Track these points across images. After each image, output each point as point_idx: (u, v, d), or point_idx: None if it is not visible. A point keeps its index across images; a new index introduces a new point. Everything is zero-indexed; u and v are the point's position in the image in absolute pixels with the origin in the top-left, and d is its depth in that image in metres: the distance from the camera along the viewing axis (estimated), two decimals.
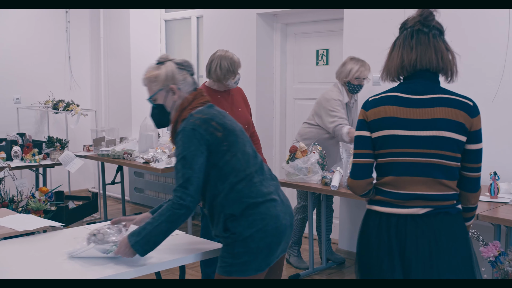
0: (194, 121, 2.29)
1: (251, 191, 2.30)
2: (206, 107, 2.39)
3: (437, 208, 2.07)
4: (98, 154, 5.42)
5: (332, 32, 5.09)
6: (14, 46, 6.52)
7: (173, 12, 6.59)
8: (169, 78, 2.40)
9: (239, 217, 2.29)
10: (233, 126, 2.37)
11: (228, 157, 2.29)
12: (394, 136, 2.08)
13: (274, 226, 2.29)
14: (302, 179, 3.96)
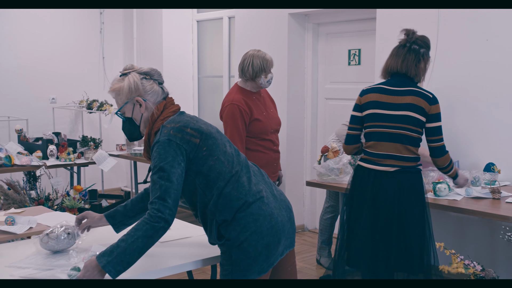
0: (168, 131, 2.16)
1: (240, 192, 2.20)
2: (177, 115, 2.27)
3: (402, 167, 2.99)
4: (131, 153, 5.48)
5: (364, 31, 5.04)
6: (51, 47, 6.66)
7: (205, 12, 6.63)
8: (133, 90, 2.26)
9: (231, 222, 2.19)
10: (209, 129, 2.26)
11: (211, 162, 2.19)
12: (376, 114, 3.04)
13: (268, 225, 2.20)
14: (333, 180, 3.94)
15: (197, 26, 6.80)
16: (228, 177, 2.20)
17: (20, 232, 2.83)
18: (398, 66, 3.06)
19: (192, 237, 2.69)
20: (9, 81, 6.38)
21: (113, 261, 2.02)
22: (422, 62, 3.06)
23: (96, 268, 2.02)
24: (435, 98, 3.02)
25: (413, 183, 3.01)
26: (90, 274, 2.02)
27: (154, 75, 2.34)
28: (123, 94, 2.27)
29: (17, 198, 4.45)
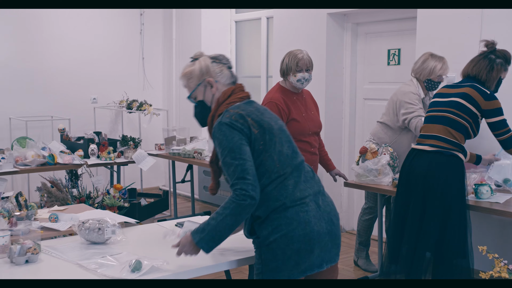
0: (230, 116, 2.20)
1: (280, 194, 2.19)
2: (244, 103, 2.30)
3: (439, 147, 3.21)
4: (169, 153, 5.55)
5: (404, 31, 4.97)
6: (92, 48, 6.79)
7: (243, 13, 6.65)
8: (204, 72, 2.34)
9: (264, 220, 2.20)
10: (271, 124, 2.26)
11: (263, 158, 2.20)
12: (433, 102, 3.41)
13: (301, 232, 2.17)
14: (372, 181, 3.89)
15: (235, 26, 6.83)
16: (274, 176, 2.20)
17: (63, 229, 2.90)
18: (469, 69, 3.35)
19: (229, 237, 2.70)
20: (52, 82, 6.54)
21: (205, 238, 2.16)
22: (494, 71, 3.29)
23: (191, 243, 2.19)
24: (493, 95, 3.25)
25: (441, 164, 3.19)
26: (187, 249, 2.20)
27: (223, 60, 2.40)
28: (195, 77, 2.35)
29: (60, 196, 4.56)
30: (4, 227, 2.75)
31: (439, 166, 3.19)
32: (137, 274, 2.12)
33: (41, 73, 6.47)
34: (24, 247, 2.29)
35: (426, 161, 3.22)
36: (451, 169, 3.21)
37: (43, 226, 2.92)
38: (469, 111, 3.23)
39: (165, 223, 2.92)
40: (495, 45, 3.37)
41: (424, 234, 3.19)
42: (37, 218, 3.08)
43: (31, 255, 2.29)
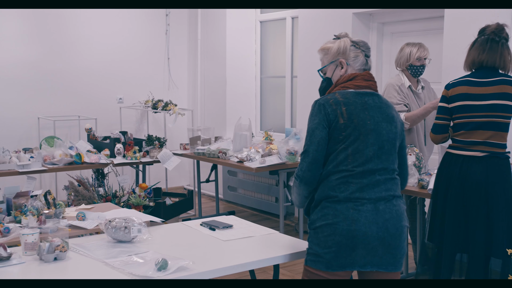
0: (330, 99, 2.29)
1: (339, 187, 2.24)
2: (355, 93, 2.32)
3: (491, 153, 3.08)
4: (194, 152, 5.57)
5: (431, 30, 4.92)
6: (118, 49, 6.87)
7: (268, 13, 6.65)
8: (341, 52, 2.39)
9: (316, 205, 2.29)
10: (365, 122, 2.26)
11: (339, 147, 2.25)
12: (466, 105, 3.12)
13: (346, 227, 2.19)
14: None
15: (260, 26, 6.83)
16: (341, 168, 2.24)
17: (90, 228, 2.94)
18: (483, 58, 3.12)
19: (254, 237, 2.71)
20: (79, 82, 6.63)
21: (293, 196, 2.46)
22: (508, 54, 3.12)
23: None
24: None
25: (501, 168, 3.09)
26: None
27: (362, 47, 2.42)
28: (331, 54, 2.41)
29: (87, 194, 4.61)
30: (33, 225, 2.80)
31: (498, 171, 3.08)
32: (163, 273, 2.13)
33: (68, 73, 6.56)
34: (53, 245, 2.33)
35: (483, 167, 3.08)
36: (508, 170, 3.12)
37: (70, 224, 2.97)
38: (507, 108, 3.09)
39: (190, 222, 2.94)
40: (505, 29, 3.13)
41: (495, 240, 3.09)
42: (65, 216, 3.13)
43: (60, 252, 2.33)
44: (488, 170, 3.06)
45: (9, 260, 2.30)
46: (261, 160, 4.91)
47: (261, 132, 6.65)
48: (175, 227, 2.91)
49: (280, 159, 4.91)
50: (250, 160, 4.98)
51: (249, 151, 5.09)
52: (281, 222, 5.04)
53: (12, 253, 2.33)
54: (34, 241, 2.40)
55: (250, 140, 5.45)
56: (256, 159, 4.99)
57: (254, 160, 4.98)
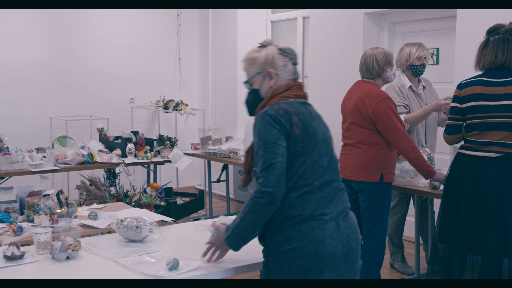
0: (278, 109, 2.10)
1: (301, 205, 2.05)
2: (298, 102, 2.18)
3: (505, 153, 3.03)
4: (205, 152, 5.59)
5: (443, 30, 4.89)
6: (130, 49, 6.90)
7: (279, 13, 6.65)
8: (268, 62, 2.22)
9: (277, 229, 2.07)
10: (316, 132, 2.14)
11: (297, 161, 2.07)
12: (480, 106, 3.07)
13: (314, 250, 2.01)
14: (409, 182, 3.85)
15: (271, 26, 6.83)
16: (301, 184, 2.07)
17: (102, 227, 2.96)
18: (494, 58, 3.08)
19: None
20: (91, 82, 6.67)
21: (231, 236, 2.12)
22: None
23: (222, 240, 2.17)
24: None
25: None
26: (217, 245, 2.21)
27: (290, 54, 2.27)
28: (257, 64, 2.24)
29: (98, 194, 4.64)
30: (46, 224, 2.82)
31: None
32: (175, 272, 2.14)
33: (81, 74, 6.60)
34: (65, 244, 2.35)
35: (497, 168, 3.04)
36: None
37: (82, 224, 2.99)
38: None
39: (201, 222, 2.95)
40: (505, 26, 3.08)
41: (509, 241, 3.05)
42: (77, 215, 3.15)
43: (72, 251, 2.34)
44: (502, 171, 3.02)
45: (22, 259, 2.32)
46: None
47: None
48: (186, 227, 2.92)
49: None
50: None
51: None
52: None
53: (25, 252, 2.35)
54: (47, 240, 2.42)
55: None
56: None
57: None
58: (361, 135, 3.51)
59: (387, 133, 3.45)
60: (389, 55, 3.61)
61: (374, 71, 3.59)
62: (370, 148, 3.49)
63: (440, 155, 4.60)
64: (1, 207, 3.15)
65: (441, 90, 4.52)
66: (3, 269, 2.23)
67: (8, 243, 2.37)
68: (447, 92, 4.64)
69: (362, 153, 3.50)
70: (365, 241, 3.56)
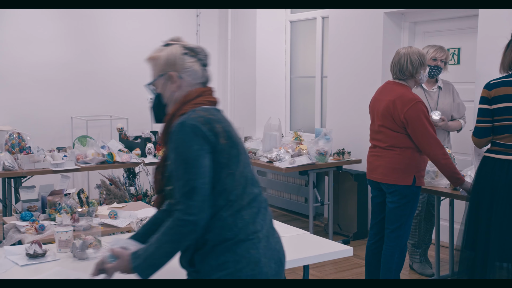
0: (197, 117, 1.83)
1: (235, 224, 1.83)
2: (214, 109, 1.94)
3: None
4: None
5: (464, 30, 4.84)
6: (149, 49, 6.89)
7: (299, 13, 6.64)
8: (170, 63, 1.96)
9: (209, 252, 1.83)
10: (238, 140, 1.91)
11: (224, 174, 1.84)
12: (510, 107, 2.97)
13: (250, 273, 1.82)
14: (429, 183, 3.82)
15: (290, 26, 6.82)
16: (232, 198, 1.85)
17: (122, 226, 2.98)
18: None
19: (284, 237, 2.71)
20: (111, 82, 6.72)
21: (142, 265, 1.82)
22: None
23: (129, 265, 1.85)
24: None
25: None
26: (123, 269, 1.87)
27: (200, 54, 2.01)
28: (158, 65, 1.99)
29: (118, 193, 4.68)
30: (67, 223, 2.85)
31: None
32: None
33: (101, 74, 6.66)
34: (86, 243, 2.37)
35: None
36: None
37: (103, 223, 3.02)
38: None
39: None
40: None
41: None
42: (98, 214, 3.18)
43: (93, 250, 2.37)
44: None
45: (44, 256, 2.35)
46: (291, 160, 4.91)
47: (290, 132, 6.64)
48: None
49: (310, 160, 4.90)
50: (280, 160, 4.99)
51: (278, 151, 5.10)
52: (311, 223, 5.03)
53: (47, 250, 2.38)
54: (68, 238, 2.45)
55: (279, 140, 5.45)
56: (286, 159, 4.98)
57: (284, 160, 4.97)
58: (393, 138, 3.44)
59: (418, 138, 3.37)
60: (423, 56, 3.51)
61: (407, 72, 3.48)
62: (404, 151, 3.41)
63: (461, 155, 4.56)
64: (24, 206, 3.20)
65: (462, 90, 4.48)
66: (26, 266, 2.26)
67: (31, 241, 2.41)
68: (468, 92, 4.60)
69: (396, 155, 3.43)
70: (387, 243, 3.53)
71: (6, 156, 4.59)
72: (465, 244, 3.21)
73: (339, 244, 2.64)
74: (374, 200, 3.67)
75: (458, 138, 4.55)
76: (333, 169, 5.09)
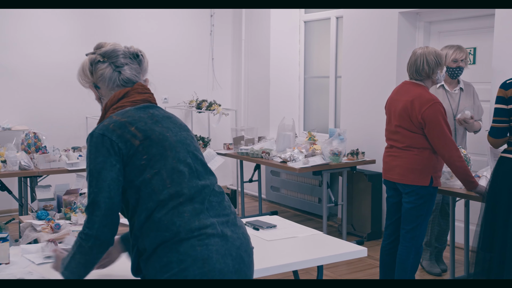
0: (108, 124, 1.81)
1: (173, 222, 1.74)
2: (136, 108, 1.89)
3: None
4: (238, 152, 5.60)
5: (480, 29, 4.80)
6: (163, 49, 6.97)
7: (313, 13, 6.63)
8: (85, 77, 1.96)
9: (151, 256, 1.76)
10: (165, 135, 1.84)
11: (148, 175, 1.77)
12: None
13: (197, 271, 1.72)
14: (444, 184, 3.79)
15: (304, 26, 6.81)
16: (163, 198, 1.77)
17: None
18: None
19: (298, 237, 2.71)
20: None
21: (65, 273, 1.85)
22: None
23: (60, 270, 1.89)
24: None
25: None
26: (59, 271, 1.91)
27: (112, 57, 1.93)
28: (81, 82, 2.00)
29: None
30: (82, 222, 2.87)
31: None
32: None
33: None
34: None
35: None
36: None
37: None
38: None
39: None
40: None
41: None
42: None
43: None
44: None
45: None
46: (305, 160, 4.90)
47: (304, 132, 6.63)
48: None
49: (324, 160, 4.89)
50: (294, 161, 4.98)
51: (292, 152, 5.09)
52: (324, 223, 5.01)
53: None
54: None
55: (293, 140, 5.45)
56: (300, 159, 4.98)
57: (298, 161, 4.97)
58: (410, 139, 3.41)
59: (434, 139, 3.34)
60: (440, 56, 3.46)
61: (424, 73, 3.45)
62: (421, 152, 3.39)
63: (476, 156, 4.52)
64: (40, 205, 3.23)
65: (478, 90, 4.44)
66: (42, 265, 2.28)
67: (47, 240, 2.42)
68: (484, 92, 4.56)
69: (413, 156, 3.40)
70: (403, 243, 3.51)
71: (22, 156, 4.63)
72: (481, 246, 3.18)
73: (354, 244, 2.63)
74: (389, 200, 3.65)
75: (473, 139, 4.52)
76: (347, 170, 5.08)
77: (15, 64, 6.12)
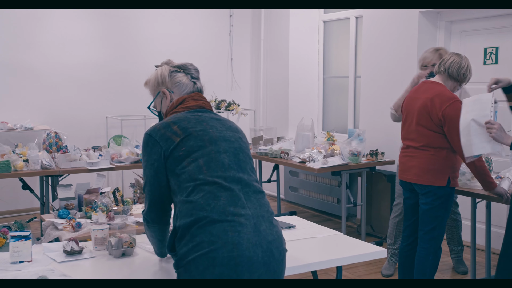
0: (156, 125, 2.06)
1: (208, 204, 1.88)
2: (187, 112, 2.11)
3: None
4: (256, 152, 5.61)
5: (503, 28, 4.74)
6: (182, 49, 7.00)
7: (332, 13, 6.61)
8: (160, 82, 2.22)
9: (185, 235, 1.88)
10: (207, 131, 2.03)
11: (186, 163, 1.96)
12: None
13: (227, 254, 1.80)
14: (465, 185, 3.75)
15: (323, 26, 6.80)
16: (200, 182, 1.92)
17: None
18: None
19: (317, 237, 2.70)
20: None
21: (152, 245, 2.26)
22: None
23: None
24: None
25: None
26: None
27: (189, 70, 2.28)
28: (152, 86, 2.24)
29: None
30: (103, 221, 2.90)
31: None
32: None
33: (135, 74, 6.73)
34: (121, 241, 2.41)
35: None
36: None
37: (137, 221, 3.05)
38: None
39: None
40: None
41: None
42: (132, 213, 3.22)
43: (127, 248, 2.40)
44: None
45: (81, 254, 2.39)
46: (323, 160, 4.88)
47: (323, 132, 6.61)
48: None
49: (343, 160, 4.87)
50: (312, 161, 4.97)
51: (311, 152, 5.08)
52: (343, 223, 4.99)
53: (83, 247, 2.43)
54: (104, 236, 2.49)
55: (312, 140, 5.43)
56: (318, 159, 4.96)
57: (316, 161, 4.95)
58: (428, 138, 3.38)
59: (453, 137, 3.29)
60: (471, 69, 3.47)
61: (461, 75, 3.42)
62: (438, 152, 3.35)
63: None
64: (61, 204, 3.26)
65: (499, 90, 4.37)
66: (64, 263, 2.31)
67: (68, 239, 2.45)
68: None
69: (430, 156, 3.37)
70: (421, 245, 3.48)
71: (44, 155, 4.69)
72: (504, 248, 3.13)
73: (373, 245, 2.61)
74: (406, 202, 3.63)
75: None
76: (366, 170, 5.05)
77: (36, 65, 6.20)
